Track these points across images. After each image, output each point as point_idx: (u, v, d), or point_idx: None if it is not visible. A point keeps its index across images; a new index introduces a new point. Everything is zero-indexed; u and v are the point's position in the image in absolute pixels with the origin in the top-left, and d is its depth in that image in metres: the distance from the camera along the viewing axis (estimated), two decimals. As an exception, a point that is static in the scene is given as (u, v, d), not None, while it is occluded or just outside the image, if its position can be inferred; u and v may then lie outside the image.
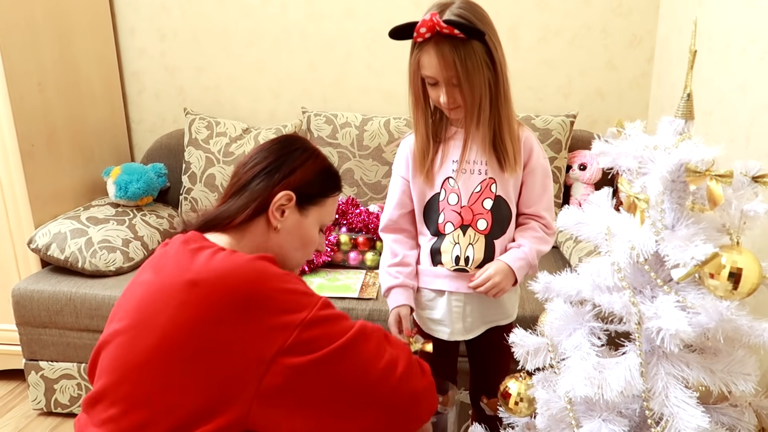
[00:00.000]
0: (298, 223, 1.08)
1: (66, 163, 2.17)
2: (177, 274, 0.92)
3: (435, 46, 1.15)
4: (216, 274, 0.89)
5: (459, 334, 1.35)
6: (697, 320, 0.86)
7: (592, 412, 1.00)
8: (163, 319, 0.89)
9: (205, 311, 0.87)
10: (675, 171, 0.89)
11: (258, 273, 0.91)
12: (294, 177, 1.06)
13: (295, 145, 1.11)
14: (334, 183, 1.13)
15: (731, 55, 1.56)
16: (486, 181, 1.28)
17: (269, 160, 1.07)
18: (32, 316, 1.88)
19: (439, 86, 1.20)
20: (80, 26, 2.23)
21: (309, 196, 1.08)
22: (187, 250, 0.96)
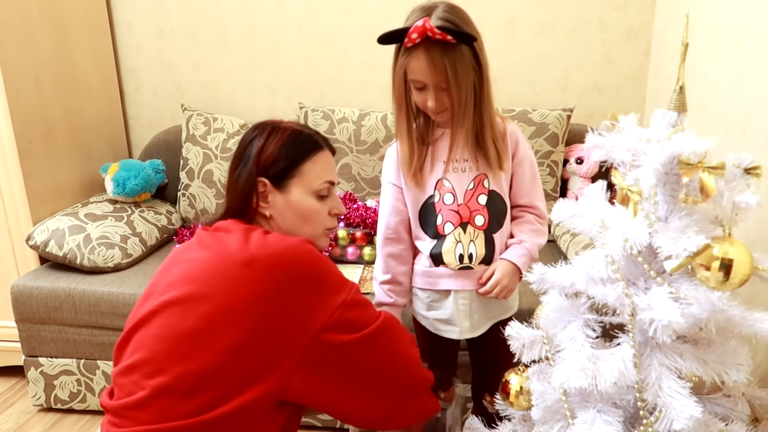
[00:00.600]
0: (285, 202, 1.10)
1: (63, 159, 2.18)
2: (233, 251, 0.98)
3: (425, 51, 1.15)
4: (270, 252, 0.97)
5: (467, 332, 1.36)
6: (690, 311, 0.86)
7: (587, 404, 1.01)
8: (220, 292, 0.94)
9: (259, 287, 0.94)
10: (668, 163, 0.90)
11: (306, 254, 0.99)
12: (261, 160, 1.09)
13: (255, 131, 1.12)
14: (304, 148, 1.12)
15: (726, 48, 1.56)
16: (478, 177, 1.29)
17: (236, 160, 1.12)
18: (31, 313, 1.89)
19: (426, 90, 1.20)
20: (76, 22, 2.23)
21: (281, 173, 1.09)
22: (239, 229, 1.03)
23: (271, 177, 1.09)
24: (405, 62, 1.18)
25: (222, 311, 0.93)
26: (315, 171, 1.12)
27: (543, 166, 2.14)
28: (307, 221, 1.12)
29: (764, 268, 0.92)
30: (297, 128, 1.14)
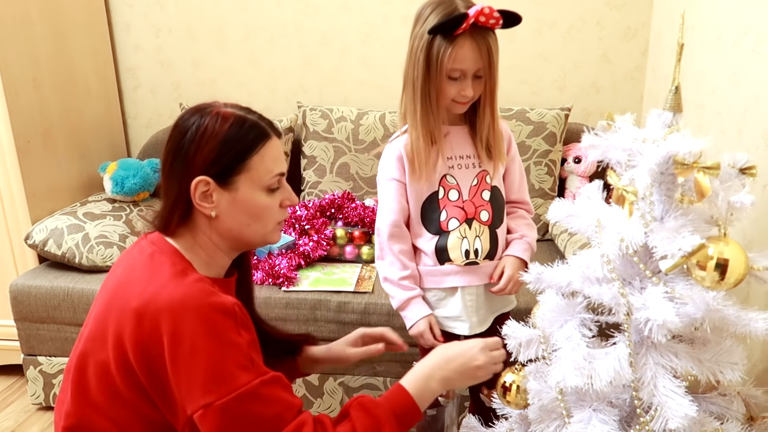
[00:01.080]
0: (232, 201, 0.98)
1: (62, 159, 2.18)
2: (128, 296, 0.92)
3: (471, 38, 1.17)
4: (162, 306, 0.89)
5: (476, 327, 1.37)
6: (685, 311, 0.87)
7: (583, 403, 1.01)
8: (110, 338, 0.93)
9: (141, 345, 0.90)
10: (663, 163, 0.90)
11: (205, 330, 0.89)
12: (198, 158, 0.95)
13: (190, 120, 0.97)
14: (249, 139, 0.97)
15: (723, 48, 1.56)
16: (481, 173, 1.31)
17: (170, 154, 0.98)
18: (30, 312, 1.89)
19: (463, 80, 1.21)
20: (75, 22, 2.23)
21: (225, 170, 0.96)
22: (144, 261, 0.97)
23: (214, 175, 0.96)
24: (448, 51, 1.17)
25: (111, 362, 0.93)
26: (264, 164, 0.99)
27: (541, 165, 2.15)
28: (257, 219, 1.01)
29: (759, 267, 0.92)
30: (239, 114, 0.99)
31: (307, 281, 1.86)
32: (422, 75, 1.22)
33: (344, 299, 1.78)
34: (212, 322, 0.88)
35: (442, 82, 1.21)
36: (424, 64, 1.21)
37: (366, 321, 1.78)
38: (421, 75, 1.22)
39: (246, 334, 0.93)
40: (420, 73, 1.22)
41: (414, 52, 1.23)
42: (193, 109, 1.00)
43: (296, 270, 1.90)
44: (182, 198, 0.97)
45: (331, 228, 2.01)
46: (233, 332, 0.90)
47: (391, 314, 1.77)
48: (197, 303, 0.89)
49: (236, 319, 0.91)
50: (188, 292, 0.90)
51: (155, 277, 0.93)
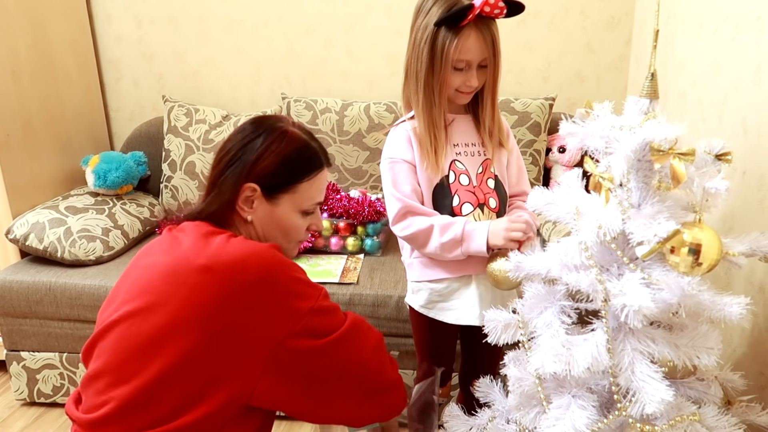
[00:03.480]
0: (270, 212, 1.06)
1: (43, 152, 2.15)
2: (192, 257, 0.95)
3: (476, 28, 1.18)
4: (231, 258, 0.93)
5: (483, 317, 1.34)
6: (661, 296, 0.87)
7: (562, 389, 1.02)
8: (175, 301, 0.92)
9: (218, 295, 0.91)
10: (639, 150, 0.90)
11: (270, 259, 0.96)
12: (257, 167, 1.03)
13: (261, 129, 1.05)
14: (305, 167, 1.07)
15: (704, 36, 1.57)
16: (485, 161, 1.32)
17: (233, 152, 1.04)
18: (12, 307, 1.87)
19: (468, 70, 1.22)
20: (54, 13, 2.20)
21: (276, 185, 1.05)
22: (199, 233, 0.99)
23: (264, 186, 1.04)
24: (453, 43, 1.17)
25: (178, 319, 0.91)
26: (310, 192, 1.08)
27: (526, 155, 2.15)
28: (286, 235, 1.09)
29: (734, 253, 0.93)
30: (304, 139, 1.07)
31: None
32: (426, 66, 1.21)
33: (329, 290, 1.75)
34: (287, 265, 0.97)
35: (447, 73, 1.22)
36: (429, 55, 1.20)
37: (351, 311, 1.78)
38: (425, 66, 1.21)
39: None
40: (424, 64, 1.21)
41: (417, 44, 1.22)
42: (263, 119, 1.08)
43: None
44: (230, 196, 1.03)
45: (316, 219, 2.01)
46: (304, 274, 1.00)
47: (376, 305, 1.77)
48: (269, 251, 0.97)
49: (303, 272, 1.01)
50: (256, 246, 0.97)
51: (213, 244, 0.97)
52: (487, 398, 1.26)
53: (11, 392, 2.00)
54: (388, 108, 2.25)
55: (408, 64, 1.26)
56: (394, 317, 1.77)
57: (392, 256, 2.00)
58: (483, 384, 1.28)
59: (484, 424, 1.24)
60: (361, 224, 2.01)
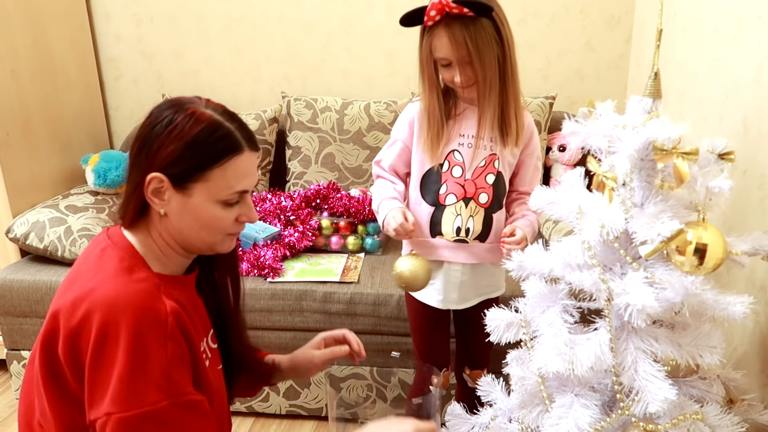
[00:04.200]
0: (183, 204, 0.93)
1: (43, 151, 2.15)
2: (74, 287, 0.90)
3: (445, 28, 1.18)
4: (98, 303, 0.86)
5: (453, 303, 1.39)
6: (664, 295, 0.88)
7: (565, 388, 1.02)
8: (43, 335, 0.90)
9: (68, 337, 0.86)
10: (643, 149, 0.90)
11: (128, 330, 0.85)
12: (159, 155, 0.90)
13: (164, 114, 0.92)
14: (214, 150, 0.92)
15: (705, 35, 1.57)
16: (490, 156, 1.33)
17: (137, 143, 0.93)
18: (12, 306, 1.87)
19: (452, 67, 1.23)
20: (54, 12, 2.19)
21: (182, 175, 0.91)
22: (98, 253, 0.94)
23: (171, 175, 0.91)
24: (429, 41, 1.22)
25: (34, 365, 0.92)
26: (225, 179, 0.93)
27: (526, 153, 2.15)
28: (206, 227, 0.96)
29: (737, 252, 0.93)
30: (215, 120, 0.93)
31: (292, 272, 1.85)
32: (421, 62, 1.27)
33: (330, 289, 1.78)
34: (138, 331, 0.84)
35: (437, 69, 1.26)
36: (420, 51, 1.26)
37: (352, 311, 1.78)
38: (424, 63, 1.27)
39: (173, 347, 0.87)
40: (423, 60, 1.27)
41: (419, 40, 1.27)
42: (172, 101, 0.95)
43: (282, 261, 1.89)
44: (139, 190, 0.92)
45: (317, 218, 2.01)
46: (158, 344, 0.85)
47: (377, 304, 1.77)
48: (129, 306, 0.85)
49: (166, 330, 0.87)
50: (124, 292, 0.87)
51: (99, 272, 0.90)
52: (489, 397, 1.26)
53: (11, 391, 1.99)
54: (388, 107, 2.24)
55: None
56: (395, 316, 1.77)
57: (393, 254, 2.00)
58: (485, 382, 1.28)
59: (487, 423, 1.24)
60: (361, 223, 2.01)
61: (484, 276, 1.40)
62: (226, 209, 0.95)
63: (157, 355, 0.85)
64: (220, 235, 0.98)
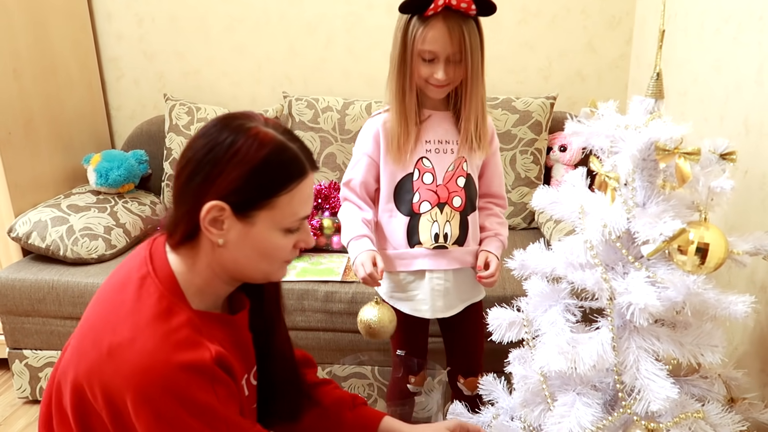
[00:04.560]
0: (245, 234, 0.86)
1: (44, 150, 2.15)
2: (108, 326, 0.84)
3: (443, 20, 1.16)
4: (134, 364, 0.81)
5: (440, 311, 1.37)
6: (666, 294, 0.88)
7: (567, 387, 1.03)
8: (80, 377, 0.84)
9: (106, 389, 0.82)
10: (645, 149, 0.91)
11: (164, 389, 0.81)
12: (221, 182, 0.83)
13: (226, 132, 0.84)
14: (283, 177, 0.86)
15: (706, 35, 1.58)
16: (458, 159, 1.32)
17: (194, 162, 0.85)
18: (15, 305, 1.88)
19: (436, 63, 1.21)
20: (55, 12, 2.20)
21: (248, 202, 0.85)
22: (137, 279, 0.87)
23: (233, 203, 0.84)
24: (419, 32, 1.18)
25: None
26: (291, 206, 0.87)
27: (527, 153, 2.16)
28: (267, 257, 0.90)
29: (739, 252, 0.94)
30: (279, 141, 0.86)
31: (294, 271, 1.86)
32: (399, 54, 1.23)
33: (332, 289, 1.79)
34: (181, 387, 0.81)
35: (416, 62, 1.22)
36: (401, 43, 1.22)
37: (353, 310, 1.78)
38: (397, 54, 1.23)
39: (222, 390, 0.84)
40: (397, 52, 1.23)
41: (395, 34, 1.24)
42: (227, 119, 0.87)
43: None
44: (191, 216, 0.85)
45: (318, 218, 2.01)
46: (205, 392, 0.82)
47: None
48: (167, 363, 0.80)
49: (212, 376, 0.83)
50: (160, 349, 0.81)
51: (137, 313, 0.84)
52: (491, 396, 1.27)
53: (13, 390, 2.00)
54: (389, 107, 2.25)
55: (391, 53, 1.28)
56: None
57: (394, 254, 2.01)
58: (486, 381, 1.29)
59: (489, 422, 1.24)
60: (363, 223, 2.01)
61: (466, 281, 1.38)
62: (287, 236, 0.90)
63: (207, 402, 0.82)
64: (278, 263, 0.93)
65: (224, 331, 0.91)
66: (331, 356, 1.82)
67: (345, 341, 1.83)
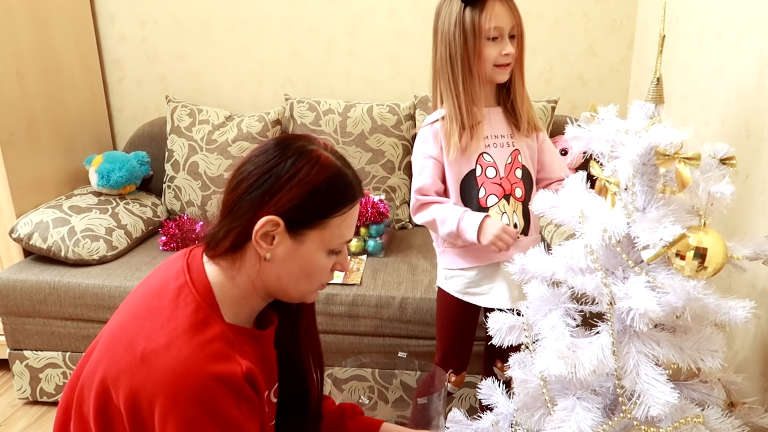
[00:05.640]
0: (293, 250, 0.89)
1: (46, 151, 2.16)
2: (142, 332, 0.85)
3: (498, 0, 1.27)
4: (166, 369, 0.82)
5: (517, 299, 1.36)
6: (666, 299, 0.88)
7: (567, 391, 1.03)
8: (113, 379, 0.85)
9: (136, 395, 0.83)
10: (645, 154, 0.91)
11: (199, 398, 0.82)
12: (283, 197, 0.86)
13: (288, 152, 0.88)
14: (338, 200, 0.90)
15: (707, 40, 1.58)
16: (514, 152, 1.38)
17: (254, 177, 0.88)
18: (16, 306, 1.88)
19: (500, 40, 1.29)
20: (58, 13, 2.20)
21: (303, 220, 0.88)
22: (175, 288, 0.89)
23: (288, 220, 0.87)
24: (483, 15, 1.26)
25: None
26: (340, 228, 0.91)
27: (528, 157, 2.16)
28: (309, 277, 0.93)
29: (738, 257, 0.94)
30: (338, 167, 0.90)
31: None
32: (461, 47, 1.28)
33: (332, 291, 1.79)
34: (210, 397, 0.82)
35: (482, 45, 1.28)
36: (462, 36, 1.28)
37: (354, 312, 1.78)
38: (459, 48, 1.28)
39: (247, 407, 0.86)
40: (459, 46, 1.28)
41: (446, 33, 1.29)
42: (289, 140, 0.91)
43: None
44: (244, 228, 0.88)
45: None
46: (231, 406, 0.83)
47: (380, 306, 1.78)
48: (200, 372, 0.82)
49: (239, 392, 0.84)
50: (194, 358, 0.83)
51: (173, 321, 0.86)
52: (490, 401, 1.26)
53: (14, 391, 2.00)
54: (390, 109, 2.25)
55: (439, 60, 1.33)
56: (397, 318, 1.78)
57: (395, 257, 2.01)
58: (485, 386, 1.29)
59: (488, 428, 1.24)
60: (364, 225, 2.02)
61: None
62: (330, 257, 0.93)
63: (232, 417, 0.83)
64: (316, 284, 0.96)
65: (253, 346, 0.92)
66: (331, 359, 1.83)
67: (346, 344, 1.83)
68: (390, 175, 2.25)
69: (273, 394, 1.00)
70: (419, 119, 2.26)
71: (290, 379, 1.04)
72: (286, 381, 1.04)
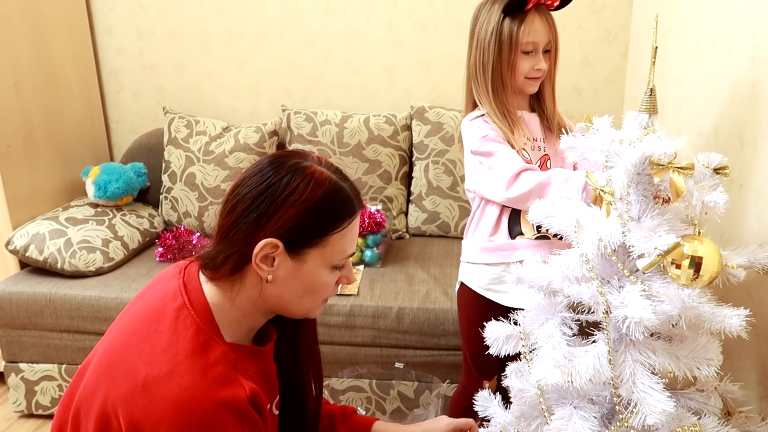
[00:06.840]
0: (294, 270, 0.88)
1: (43, 163, 2.16)
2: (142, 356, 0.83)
3: (538, 13, 1.29)
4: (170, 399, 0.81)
5: None
6: (662, 308, 0.89)
7: (564, 400, 1.03)
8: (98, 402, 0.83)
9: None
10: (639, 164, 0.92)
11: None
12: (277, 219, 0.85)
13: (282, 170, 0.86)
14: (337, 216, 0.88)
15: (700, 51, 1.59)
16: (543, 157, 1.39)
17: (249, 199, 0.86)
18: (11, 318, 1.87)
19: (534, 54, 1.30)
20: (56, 25, 2.21)
21: (302, 240, 0.87)
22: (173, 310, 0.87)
23: (287, 241, 0.86)
24: (521, 28, 1.27)
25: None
26: (341, 243, 0.89)
27: (524, 167, 2.17)
28: (312, 294, 0.92)
29: (733, 265, 0.94)
30: (334, 182, 0.88)
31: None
32: (495, 56, 1.30)
33: (329, 302, 1.78)
34: (215, 423, 0.81)
35: (517, 58, 1.30)
36: (497, 46, 1.29)
37: (351, 323, 1.78)
38: (493, 57, 1.30)
39: (250, 430, 0.85)
40: (493, 55, 1.30)
41: (482, 40, 1.31)
42: (282, 157, 0.89)
43: None
44: (242, 251, 0.86)
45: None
46: (235, 430, 0.82)
47: (377, 316, 1.78)
48: (204, 399, 0.81)
49: (244, 416, 0.83)
50: (198, 385, 0.81)
51: (174, 346, 0.84)
52: (487, 412, 1.26)
53: (9, 404, 1.99)
54: (387, 120, 2.26)
55: (474, 65, 1.35)
56: (394, 328, 1.78)
57: (392, 267, 2.01)
58: (481, 398, 1.28)
59: (486, 437, 1.24)
60: (360, 235, 2.02)
61: None
62: (333, 273, 0.92)
63: None
64: (320, 300, 0.95)
65: (254, 363, 0.92)
66: (328, 369, 1.82)
67: (342, 354, 1.83)
68: (387, 185, 2.26)
69: (275, 406, 1.00)
70: (415, 129, 2.27)
71: (289, 391, 1.03)
72: (286, 393, 1.03)
